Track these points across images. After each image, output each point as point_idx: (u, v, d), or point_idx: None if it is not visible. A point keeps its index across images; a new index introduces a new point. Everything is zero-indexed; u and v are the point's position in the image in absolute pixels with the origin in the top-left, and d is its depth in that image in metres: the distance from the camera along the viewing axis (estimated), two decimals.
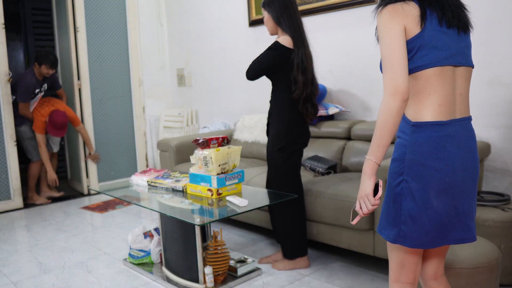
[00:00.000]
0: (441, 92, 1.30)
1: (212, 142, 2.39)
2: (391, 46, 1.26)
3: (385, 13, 1.29)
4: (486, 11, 2.62)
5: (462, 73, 1.35)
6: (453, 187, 1.30)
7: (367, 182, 1.33)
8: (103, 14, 4.64)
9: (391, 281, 1.45)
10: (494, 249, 1.83)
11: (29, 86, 4.02)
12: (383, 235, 1.39)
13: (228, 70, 4.39)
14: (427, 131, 1.29)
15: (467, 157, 1.32)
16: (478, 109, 2.71)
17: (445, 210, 1.31)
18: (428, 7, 1.30)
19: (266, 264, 2.60)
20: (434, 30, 1.29)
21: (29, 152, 4.24)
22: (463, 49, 1.36)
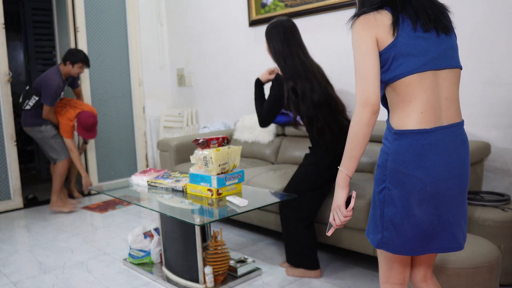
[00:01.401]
0: (422, 99, 1.26)
1: (212, 142, 2.38)
2: (363, 57, 1.26)
3: (357, 24, 1.29)
4: (486, 11, 2.61)
5: (446, 76, 1.30)
6: (435, 196, 1.28)
7: (340, 193, 1.34)
8: (103, 14, 4.64)
9: (382, 282, 1.46)
10: (494, 249, 1.83)
11: (57, 89, 3.77)
12: (369, 239, 1.40)
13: (228, 70, 4.39)
14: (408, 139, 1.27)
15: (454, 165, 1.29)
16: (478, 109, 2.71)
17: (428, 219, 1.29)
18: (401, 12, 1.27)
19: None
20: (408, 37, 1.26)
21: (55, 150, 3.91)
22: (445, 52, 1.30)
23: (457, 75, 1.34)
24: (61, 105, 3.94)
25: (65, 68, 3.82)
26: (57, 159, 3.90)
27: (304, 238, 2.38)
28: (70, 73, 3.85)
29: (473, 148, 2.50)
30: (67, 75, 3.87)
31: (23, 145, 6.10)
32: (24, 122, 3.89)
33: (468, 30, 2.70)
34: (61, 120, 3.88)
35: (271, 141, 3.62)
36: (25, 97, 3.84)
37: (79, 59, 3.79)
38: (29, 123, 3.86)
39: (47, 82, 3.74)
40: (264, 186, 2.79)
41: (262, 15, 3.91)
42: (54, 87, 3.73)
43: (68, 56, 3.80)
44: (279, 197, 2.56)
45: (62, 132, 3.89)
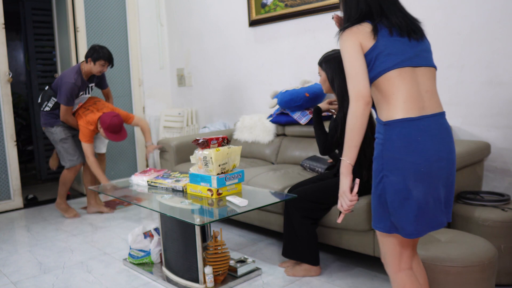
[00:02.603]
0: (404, 91, 1.43)
1: (212, 142, 2.39)
2: (351, 60, 1.45)
3: (344, 35, 1.49)
4: (486, 11, 2.61)
5: (424, 72, 1.48)
6: (428, 176, 1.42)
7: (344, 180, 1.50)
8: (103, 14, 4.64)
9: (394, 272, 1.54)
10: (489, 249, 1.83)
11: (73, 87, 3.46)
12: (378, 228, 1.51)
13: (228, 70, 4.39)
14: (398, 128, 1.42)
15: (441, 149, 1.44)
16: (478, 109, 2.71)
17: (424, 198, 1.42)
18: (378, 23, 1.48)
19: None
20: (387, 40, 1.46)
21: (61, 156, 3.67)
22: (421, 53, 1.49)
23: (433, 73, 1.52)
24: (84, 108, 3.64)
25: (87, 66, 3.52)
26: (63, 165, 3.70)
27: (309, 234, 2.38)
28: (92, 71, 3.54)
29: (473, 148, 2.51)
30: (88, 73, 3.57)
31: (23, 145, 6.11)
32: (41, 122, 3.71)
33: (468, 30, 2.70)
34: (80, 123, 3.59)
35: (271, 141, 3.62)
36: (44, 98, 3.64)
37: (101, 56, 3.47)
38: (43, 123, 3.68)
39: (63, 80, 3.47)
40: (264, 186, 2.79)
41: (262, 15, 3.91)
42: (70, 84, 3.43)
43: (89, 52, 3.50)
44: (279, 197, 2.56)
45: (81, 136, 3.59)
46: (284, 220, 2.50)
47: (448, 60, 2.81)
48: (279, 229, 2.77)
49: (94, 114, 3.57)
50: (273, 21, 3.83)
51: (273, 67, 3.95)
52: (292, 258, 2.45)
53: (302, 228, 2.37)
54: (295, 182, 2.77)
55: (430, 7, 2.85)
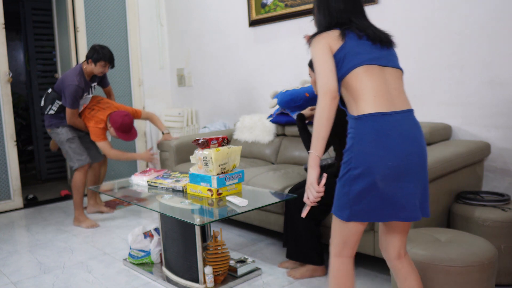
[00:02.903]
0: (372, 86, 1.50)
1: (212, 142, 2.39)
2: (320, 59, 1.53)
3: (314, 40, 1.58)
4: (486, 11, 2.61)
5: (391, 72, 1.56)
6: (397, 171, 1.47)
7: (311, 172, 1.55)
8: (103, 14, 4.64)
9: (333, 255, 1.64)
10: (489, 249, 1.83)
11: (77, 89, 3.39)
12: (337, 215, 1.58)
13: (228, 70, 4.39)
14: (369, 122, 1.48)
15: (410, 144, 1.49)
16: (478, 109, 2.71)
17: (391, 191, 1.48)
18: (346, 29, 1.57)
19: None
20: (355, 41, 1.55)
21: (69, 156, 3.53)
22: (387, 56, 1.58)
23: (400, 74, 1.61)
24: (89, 109, 3.56)
25: (88, 66, 3.47)
26: (72, 166, 3.56)
27: (313, 234, 2.37)
28: (94, 71, 3.49)
29: (473, 148, 2.51)
30: (90, 74, 3.52)
31: (23, 145, 6.11)
32: (46, 124, 3.61)
33: (468, 30, 2.70)
34: (89, 125, 3.51)
35: (271, 141, 3.62)
36: (47, 101, 3.54)
37: (101, 57, 3.42)
38: (48, 125, 3.59)
39: (66, 82, 3.40)
40: (264, 186, 2.79)
41: (262, 15, 3.91)
42: (74, 87, 3.36)
43: (90, 53, 3.45)
44: (279, 197, 2.56)
45: (93, 137, 3.51)
46: (286, 222, 2.50)
47: (448, 60, 2.81)
48: (279, 229, 2.77)
49: (101, 113, 3.52)
50: (273, 21, 3.83)
51: (273, 67, 3.95)
52: (297, 260, 2.44)
53: (306, 229, 2.36)
54: (295, 182, 2.77)
55: (430, 7, 2.85)
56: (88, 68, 3.48)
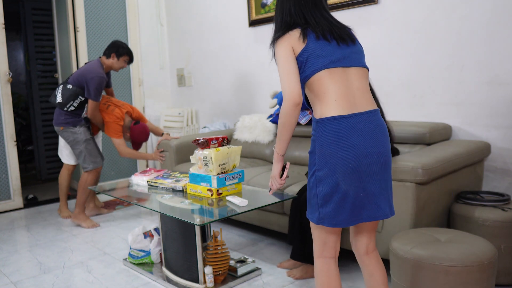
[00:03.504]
0: (334, 90, 1.52)
1: (212, 142, 2.39)
2: (283, 62, 1.54)
3: (278, 42, 1.59)
4: (486, 11, 2.62)
5: (355, 72, 1.57)
6: (358, 171, 1.50)
7: (275, 166, 1.69)
8: (103, 14, 4.64)
9: (316, 257, 1.67)
10: (489, 249, 1.83)
11: (102, 81, 3.38)
12: (309, 218, 1.62)
13: (228, 70, 4.39)
14: (330, 125, 1.52)
15: (370, 144, 1.52)
16: (478, 109, 2.71)
17: (354, 192, 1.51)
18: (306, 28, 1.57)
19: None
20: (315, 43, 1.55)
21: (83, 158, 3.51)
22: (350, 55, 1.58)
23: (365, 72, 1.61)
24: (103, 104, 3.56)
25: (108, 61, 3.49)
26: (85, 168, 3.53)
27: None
28: (113, 67, 3.52)
29: (473, 148, 2.51)
30: (108, 69, 3.56)
31: (23, 145, 6.11)
32: (56, 121, 3.52)
33: (468, 30, 2.70)
34: (108, 120, 3.50)
35: (271, 141, 3.62)
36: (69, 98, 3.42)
37: (126, 52, 3.50)
38: (63, 122, 3.48)
39: (90, 74, 3.36)
40: (264, 186, 2.79)
41: (262, 15, 3.91)
42: (99, 79, 3.35)
43: (113, 48, 3.49)
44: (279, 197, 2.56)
45: (112, 133, 3.52)
46: (292, 223, 2.48)
47: (448, 60, 2.81)
48: (279, 229, 2.77)
49: (119, 110, 3.54)
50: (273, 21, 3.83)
51: (273, 67, 3.95)
52: (301, 260, 2.43)
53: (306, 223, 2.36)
54: (295, 182, 2.77)
55: (429, 7, 2.85)
56: (108, 62, 3.51)
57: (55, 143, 5.45)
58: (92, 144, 3.56)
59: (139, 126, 3.63)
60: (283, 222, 2.72)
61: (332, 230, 1.62)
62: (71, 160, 3.73)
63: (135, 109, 3.74)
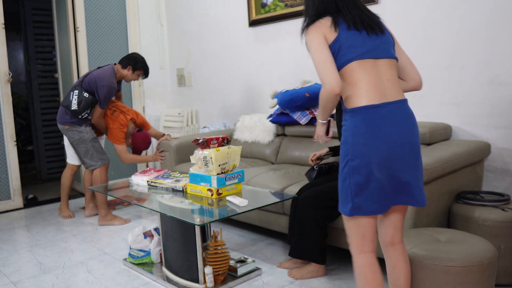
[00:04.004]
0: (366, 80, 1.53)
1: (212, 142, 2.39)
2: (317, 51, 1.54)
3: (309, 31, 1.59)
4: (486, 11, 2.61)
5: (384, 63, 1.58)
6: (391, 160, 1.52)
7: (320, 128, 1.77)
8: (103, 14, 4.64)
9: (356, 253, 1.64)
10: (489, 249, 1.83)
11: (112, 91, 3.41)
12: (342, 211, 1.61)
13: (228, 70, 4.39)
14: (362, 114, 1.53)
15: (402, 134, 1.53)
16: (478, 109, 2.71)
17: (388, 180, 1.53)
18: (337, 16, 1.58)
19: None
20: (347, 33, 1.56)
21: (91, 156, 3.52)
22: (380, 45, 1.58)
23: (394, 63, 1.62)
24: (109, 109, 3.56)
25: (123, 71, 3.49)
26: (93, 166, 3.52)
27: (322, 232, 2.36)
28: (126, 78, 3.53)
29: (473, 148, 2.51)
30: (120, 78, 3.56)
31: (23, 145, 6.11)
32: (61, 119, 3.51)
33: (468, 30, 2.70)
34: (113, 127, 3.52)
35: (271, 141, 3.62)
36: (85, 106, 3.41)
37: (142, 67, 3.51)
38: (69, 122, 3.48)
39: (102, 82, 3.35)
40: (264, 186, 2.79)
41: (262, 15, 3.91)
42: (109, 88, 3.37)
43: (131, 60, 3.48)
44: (279, 197, 2.56)
45: (114, 139, 3.52)
46: (293, 219, 2.48)
47: (448, 60, 2.81)
48: (279, 229, 2.77)
49: (123, 116, 3.54)
50: (273, 21, 3.84)
51: (273, 67, 3.95)
52: (300, 257, 2.43)
53: (316, 227, 2.34)
54: (295, 182, 2.77)
55: (429, 7, 2.85)
56: (123, 72, 3.50)
57: (55, 143, 5.48)
58: (98, 142, 3.60)
59: (141, 134, 3.64)
60: (283, 222, 2.72)
61: (368, 222, 1.60)
62: (75, 160, 3.73)
63: (139, 115, 3.74)
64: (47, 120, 5.40)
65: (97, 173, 3.52)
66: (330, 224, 2.41)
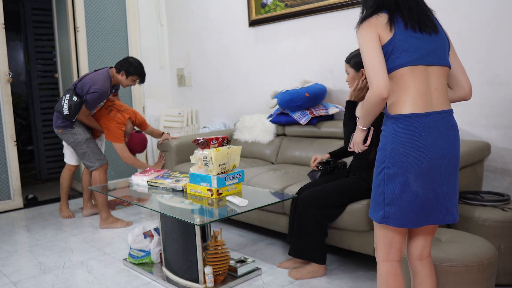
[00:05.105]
0: (414, 88, 1.47)
1: (212, 142, 2.39)
2: (369, 51, 1.47)
3: (362, 27, 1.51)
4: (486, 11, 2.61)
5: (435, 71, 1.51)
6: (430, 172, 1.47)
7: (358, 134, 1.69)
8: (103, 14, 4.64)
9: (381, 260, 1.61)
10: (489, 249, 1.83)
11: (103, 95, 3.35)
12: (372, 217, 1.58)
13: (228, 70, 4.39)
14: (404, 122, 1.48)
15: (443, 146, 1.48)
16: (478, 109, 2.71)
17: (424, 193, 1.47)
18: (394, 12, 1.50)
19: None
20: (403, 34, 1.48)
21: (88, 157, 3.48)
22: (434, 51, 1.51)
23: (446, 71, 1.55)
24: (105, 109, 3.52)
25: (117, 76, 3.42)
26: (92, 167, 3.49)
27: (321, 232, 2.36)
28: (121, 83, 3.46)
29: (473, 148, 2.51)
30: (115, 83, 3.49)
31: (23, 145, 6.11)
32: (55, 124, 3.50)
33: (468, 30, 2.70)
34: (110, 125, 3.46)
35: (271, 141, 3.62)
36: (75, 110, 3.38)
37: (136, 73, 3.41)
38: (61, 126, 3.46)
39: (95, 86, 3.29)
40: (264, 186, 2.79)
41: (262, 15, 3.91)
42: (100, 93, 3.31)
43: (124, 65, 3.40)
44: (279, 197, 2.56)
45: (113, 138, 3.47)
46: (293, 219, 2.48)
47: None
48: (279, 229, 2.77)
49: (121, 115, 3.49)
50: (273, 21, 3.84)
51: (273, 67, 3.95)
52: (299, 257, 2.43)
53: (316, 226, 2.35)
54: (295, 182, 2.77)
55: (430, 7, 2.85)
56: (117, 78, 3.43)
57: (55, 143, 5.48)
58: (93, 142, 3.54)
59: (139, 136, 3.65)
60: (283, 222, 2.72)
61: (398, 231, 1.56)
62: (73, 160, 3.72)
63: (138, 115, 3.69)
64: (47, 120, 5.40)
65: (96, 175, 3.49)
66: (330, 224, 2.41)
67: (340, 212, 2.36)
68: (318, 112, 3.29)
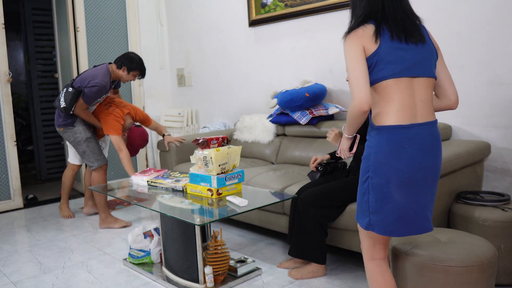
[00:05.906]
0: (399, 100, 1.49)
1: (212, 142, 2.39)
2: (352, 63, 1.47)
3: (348, 38, 1.51)
4: (486, 12, 2.62)
5: (421, 82, 1.52)
6: (412, 183, 1.50)
7: (345, 142, 1.71)
8: (103, 14, 4.64)
9: (367, 260, 1.68)
10: (489, 249, 1.83)
11: (102, 90, 3.32)
12: (359, 222, 1.63)
13: (228, 70, 4.39)
14: (388, 134, 1.49)
15: (426, 157, 1.51)
16: (478, 109, 2.71)
17: (406, 203, 1.51)
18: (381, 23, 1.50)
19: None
20: (388, 46, 1.48)
21: (87, 156, 3.45)
22: (421, 62, 1.51)
23: (432, 82, 1.56)
24: (104, 105, 3.50)
25: (118, 71, 3.40)
26: (91, 166, 3.46)
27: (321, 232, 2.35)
28: (121, 78, 3.44)
29: (473, 148, 2.51)
30: (115, 78, 3.47)
31: (23, 145, 6.11)
32: (56, 122, 3.49)
33: (468, 31, 2.70)
34: (107, 118, 3.42)
35: (271, 141, 3.62)
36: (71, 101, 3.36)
37: (137, 68, 3.38)
38: (62, 124, 3.45)
39: (94, 80, 3.27)
40: (264, 186, 2.79)
41: (262, 15, 3.91)
42: (100, 88, 3.28)
43: (125, 61, 3.37)
44: (279, 197, 2.56)
45: (111, 130, 3.40)
46: (293, 219, 2.48)
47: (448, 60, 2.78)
48: (279, 229, 2.77)
49: (120, 110, 3.47)
50: (273, 21, 3.84)
51: (273, 67, 3.95)
52: (299, 257, 2.43)
53: (316, 226, 2.34)
54: (295, 182, 2.77)
55: (430, 7, 2.85)
56: (117, 73, 3.41)
57: (55, 143, 5.48)
58: (94, 142, 3.49)
59: (138, 129, 3.61)
60: (283, 222, 2.72)
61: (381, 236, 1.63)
62: (76, 160, 3.72)
63: (138, 111, 3.65)
64: (47, 120, 5.40)
65: (95, 175, 3.46)
66: (330, 224, 2.41)
67: (340, 212, 2.36)
68: (318, 112, 3.29)
